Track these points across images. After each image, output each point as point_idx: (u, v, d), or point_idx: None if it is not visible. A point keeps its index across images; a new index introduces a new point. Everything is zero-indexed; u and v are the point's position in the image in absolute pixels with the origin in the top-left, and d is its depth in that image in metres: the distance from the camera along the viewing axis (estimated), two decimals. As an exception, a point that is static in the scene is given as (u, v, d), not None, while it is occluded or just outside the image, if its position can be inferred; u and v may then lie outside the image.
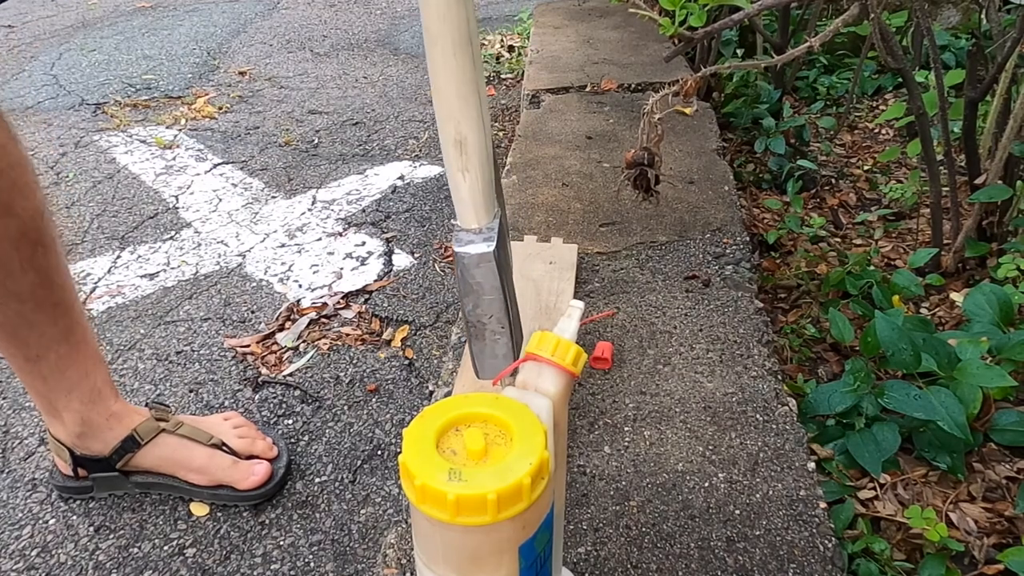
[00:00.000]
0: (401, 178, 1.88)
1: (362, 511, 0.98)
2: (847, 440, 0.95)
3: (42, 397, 0.92)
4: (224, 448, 0.98)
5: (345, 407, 1.16)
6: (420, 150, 2.04)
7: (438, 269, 1.50)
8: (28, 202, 0.81)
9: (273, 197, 1.81)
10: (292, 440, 1.10)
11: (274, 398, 1.18)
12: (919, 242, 1.43)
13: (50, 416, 0.94)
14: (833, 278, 1.26)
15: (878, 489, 0.92)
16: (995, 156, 1.20)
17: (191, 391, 1.19)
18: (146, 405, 1.00)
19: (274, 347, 1.30)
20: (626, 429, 0.91)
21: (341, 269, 1.51)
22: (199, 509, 0.99)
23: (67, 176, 1.91)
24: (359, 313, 1.38)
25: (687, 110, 1.79)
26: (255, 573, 0.90)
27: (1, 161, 0.76)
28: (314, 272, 1.50)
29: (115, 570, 0.91)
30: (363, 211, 1.73)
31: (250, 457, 1.00)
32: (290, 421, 1.13)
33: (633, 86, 1.97)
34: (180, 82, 2.58)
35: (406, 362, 1.25)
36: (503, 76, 2.60)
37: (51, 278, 0.85)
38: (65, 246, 1.59)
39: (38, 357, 0.88)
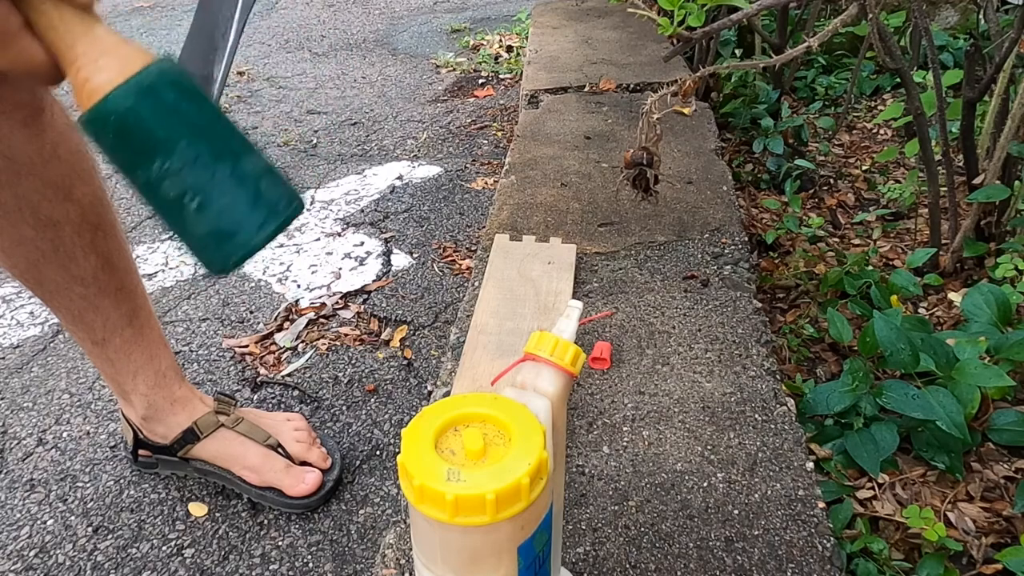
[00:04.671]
0: (400, 178, 1.88)
1: (360, 511, 0.98)
2: (845, 440, 0.95)
3: (111, 379, 0.94)
4: (279, 450, 0.98)
5: (344, 407, 1.16)
6: (419, 150, 2.04)
7: (437, 269, 1.50)
8: (88, 187, 0.82)
9: (271, 197, 1.81)
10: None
11: (272, 398, 1.18)
12: (917, 242, 1.43)
13: (121, 398, 0.97)
14: (831, 278, 1.26)
15: (876, 489, 0.92)
16: (993, 156, 1.20)
17: (189, 391, 1.19)
18: (213, 396, 1.01)
19: (272, 347, 1.30)
20: (625, 429, 0.91)
21: (340, 269, 1.51)
22: (197, 509, 0.98)
23: (65, 176, 1.91)
24: (358, 313, 1.38)
25: (686, 110, 1.79)
26: (253, 573, 0.90)
27: (61, 148, 0.77)
28: (312, 272, 1.50)
29: (113, 571, 0.91)
30: (361, 211, 1.73)
31: (303, 463, 0.98)
32: (289, 421, 1.13)
33: (632, 86, 1.97)
34: (178, 82, 2.58)
35: (405, 362, 1.25)
36: (502, 76, 2.60)
37: (113, 262, 0.86)
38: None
39: (104, 340, 0.89)
